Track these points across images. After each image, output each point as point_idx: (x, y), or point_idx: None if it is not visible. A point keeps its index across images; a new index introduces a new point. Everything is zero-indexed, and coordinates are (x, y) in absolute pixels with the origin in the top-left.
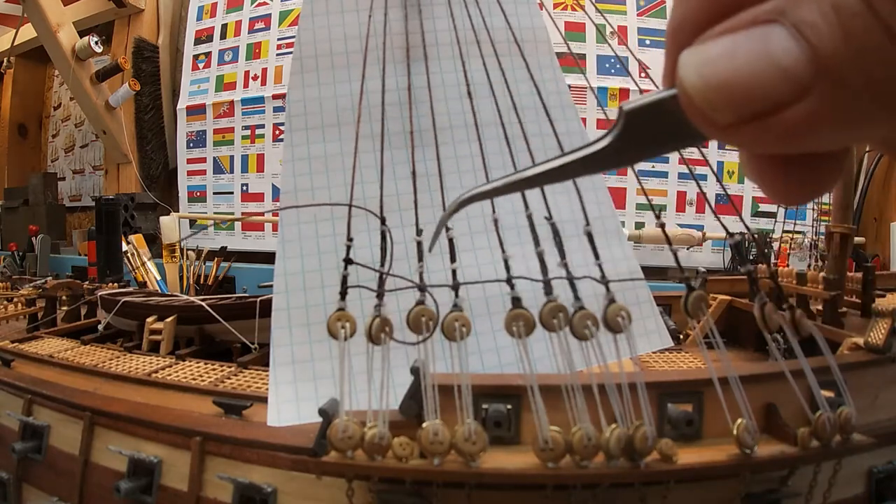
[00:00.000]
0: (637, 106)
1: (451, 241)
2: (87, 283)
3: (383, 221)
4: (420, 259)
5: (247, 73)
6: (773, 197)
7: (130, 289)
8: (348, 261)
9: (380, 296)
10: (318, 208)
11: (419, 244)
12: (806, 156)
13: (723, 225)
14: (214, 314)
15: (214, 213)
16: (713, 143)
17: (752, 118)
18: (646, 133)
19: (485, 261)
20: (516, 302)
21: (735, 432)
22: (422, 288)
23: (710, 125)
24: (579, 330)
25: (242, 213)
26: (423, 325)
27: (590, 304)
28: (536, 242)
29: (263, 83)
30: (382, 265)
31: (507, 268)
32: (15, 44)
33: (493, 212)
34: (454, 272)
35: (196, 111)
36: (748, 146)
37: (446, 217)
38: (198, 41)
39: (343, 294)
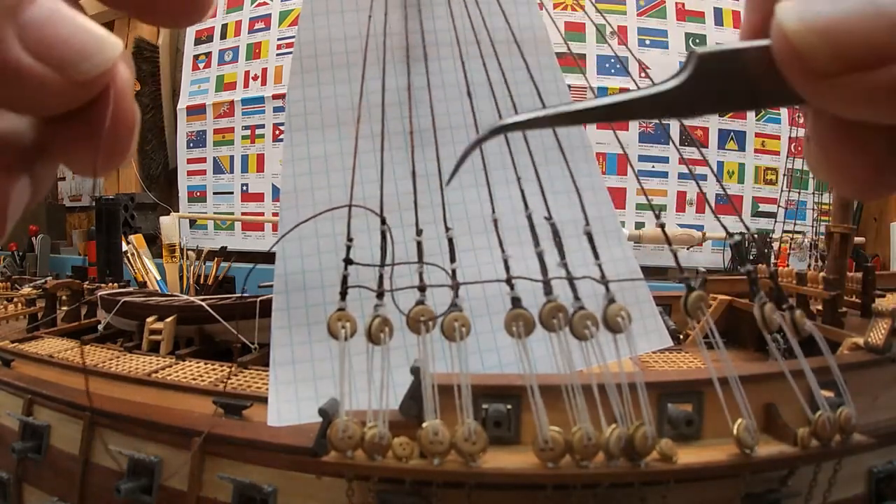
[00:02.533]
0: (711, 51)
1: (450, 241)
2: (87, 283)
3: (383, 221)
4: (420, 259)
5: (247, 73)
6: (849, 185)
7: (130, 289)
8: (348, 261)
9: (379, 296)
10: (317, 208)
11: (419, 244)
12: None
13: (723, 225)
14: (214, 314)
15: (214, 213)
16: (713, 143)
17: (852, 67)
18: (716, 83)
19: (485, 261)
20: (516, 302)
21: (735, 432)
22: (421, 288)
23: (806, 73)
24: (579, 330)
25: (242, 213)
26: (422, 326)
27: (589, 304)
28: (536, 242)
29: (263, 83)
30: (382, 265)
31: (507, 268)
32: None
33: (493, 212)
34: (454, 272)
35: (196, 111)
36: (841, 104)
37: (474, 145)
38: (198, 41)
39: (343, 294)
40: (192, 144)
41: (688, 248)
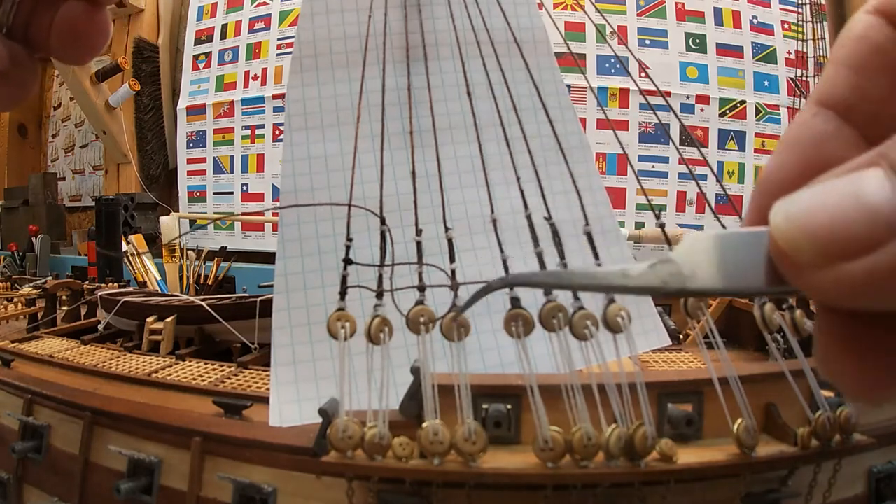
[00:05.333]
0: (732, 234)
1: (450, 241)
2: (87, 283)
3: (383, 221)
4: (420, 259)
5: (247, 73)
6: (852, 388)
7: (130, 289)
8: (348, 261)
9: (379, 296)
10: (318, 209)
11: (419, 244)
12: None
13: (723, 225)
14: (214, 314)
15: (214, 213)
16: (713, 143)
17: (833, 259)
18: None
19: (485, 261)
20: (515, 302)
21: (735, 432)
22: (421, 288)
23: (792, 267)
24: (579, 330)
25: (242, 213)
26: (421, 326)
27: (589, 304)
28: (536, 242)
29: (263, 83)
30: (382, 265)
31: (506, 268)
32: None
33: (492, 212)
34: (454, 272)
35: (196, 111)
36: (827, 295)
37: (482, 292)
38: (198, 41)
39: (343, 294)
40: (192, 144)
41: None
